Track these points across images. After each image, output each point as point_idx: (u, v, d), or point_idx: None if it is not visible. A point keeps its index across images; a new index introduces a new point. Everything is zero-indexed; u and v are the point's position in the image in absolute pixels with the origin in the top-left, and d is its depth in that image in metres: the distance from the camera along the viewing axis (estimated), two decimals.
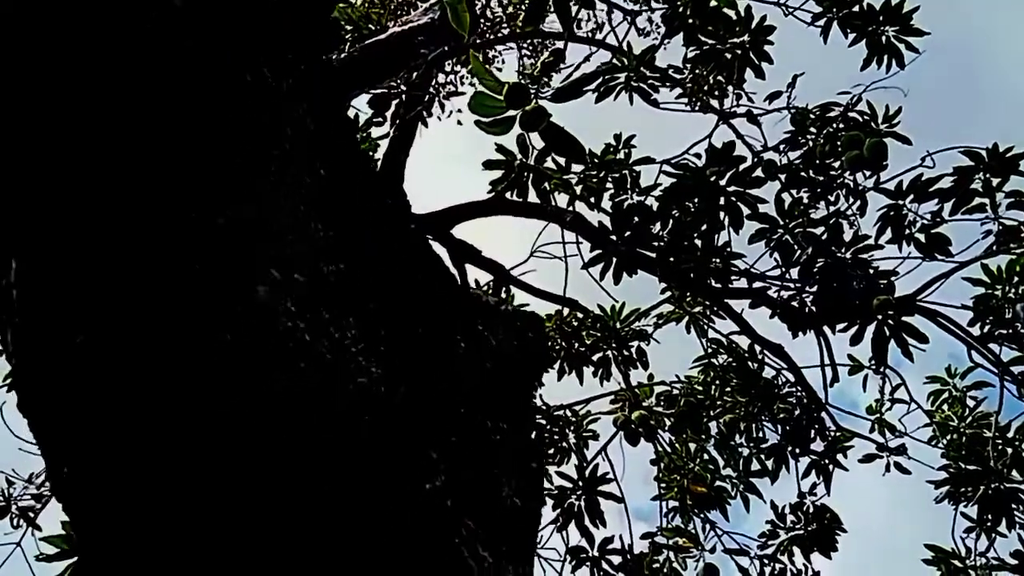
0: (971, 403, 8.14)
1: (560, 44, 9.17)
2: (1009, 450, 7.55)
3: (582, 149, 4.16)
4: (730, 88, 7.76)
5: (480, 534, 2.03)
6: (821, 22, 7.19)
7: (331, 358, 1.91)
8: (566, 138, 4.08)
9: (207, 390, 1.77)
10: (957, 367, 8.32)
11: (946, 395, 8.30)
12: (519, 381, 2.39)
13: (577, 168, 7.54)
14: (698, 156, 7.15)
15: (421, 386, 1.98)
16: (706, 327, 8.24)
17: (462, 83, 10.50)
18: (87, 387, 1.79)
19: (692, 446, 8.38)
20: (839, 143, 6.96)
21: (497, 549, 2.06)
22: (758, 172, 7.09)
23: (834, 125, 7.08)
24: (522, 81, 6.33)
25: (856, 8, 7.08)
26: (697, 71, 7.62)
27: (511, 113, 4.19)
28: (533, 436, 2.38)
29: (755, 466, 8.16)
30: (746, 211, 7.06)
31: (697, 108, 7.74)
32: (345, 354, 1.96)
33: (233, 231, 1.89)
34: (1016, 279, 7.18)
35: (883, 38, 7.08)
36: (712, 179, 7.03)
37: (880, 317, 6.87)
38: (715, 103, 7.74)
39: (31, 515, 7.79)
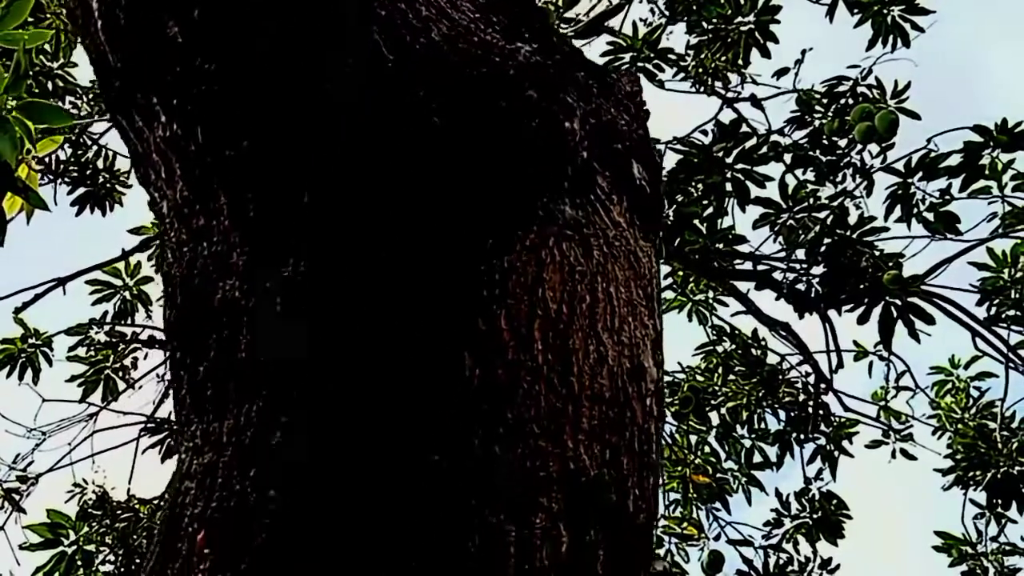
0: (975, 393, 8.05)
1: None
2: (1014, 443, 7.47)
3: None
4: (733, 75, 7.74)
5: (614, 198, 1.94)
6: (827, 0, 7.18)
7: (453, 14, 1.83)
8: None
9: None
10: (960, 357, 8.26)
11: (949, 385, 8.22)
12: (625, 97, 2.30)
13: None
14: (704, 133, 7.11)
15: (541, 52, 1.88)
16: (709, 315, 8.15)
17: None
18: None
19: (693, 439, 8.24)
20: (848, 119, 6.92)
21: (631, 218, 1.97)
22: (764, 149, 7.04)
23: (842, 100, 7.05)
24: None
25: None
26: (702, 55, 7.61)
27: None
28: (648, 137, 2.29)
29: (757, 458, 8.04)
30: (753, 189, 7.02)
31: (701, 90, 7.71)
32: (464, 16, 1.88)
33: None
34: (1022, 261, 7.14)
35: (888, 17, 7.07)
36: (719, 156, 6.98)
37: (888, 297, 6.80)
38: (719, 86, 7.72)
39: (16, 498, 7.57)
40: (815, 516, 7.68)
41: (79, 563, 7.71)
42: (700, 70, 7.65)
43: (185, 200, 1.81)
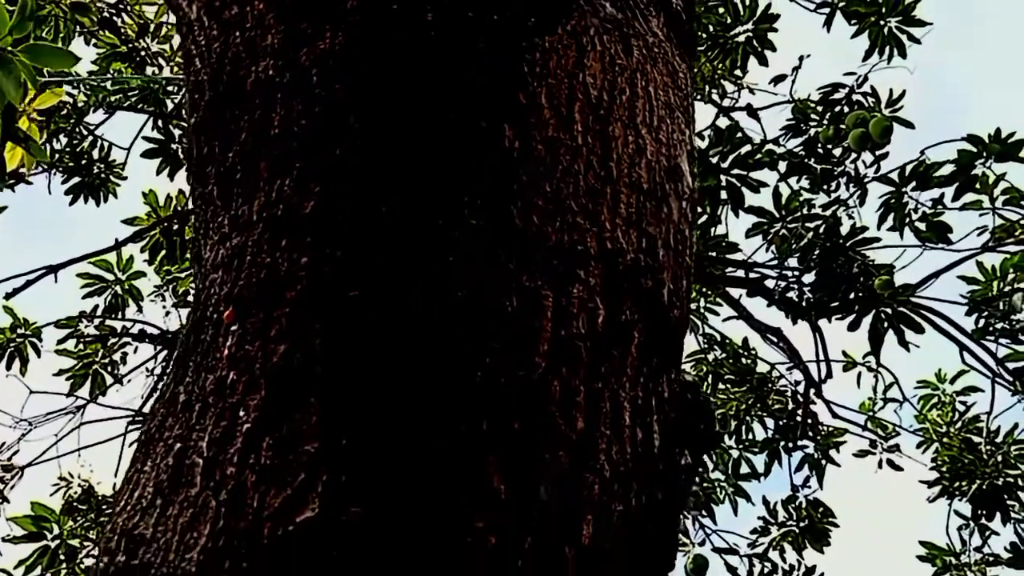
0: (960, 408, 8.08)
1: None
2: (999, 455, 7.49)
3: None
4: (729, 84, 7.84)
5: (653, 11, 1.96)
6: (825, 10, 7.27)
7: None
8: None
9: None
10: (946, 372, 8.30)
11: (935, 400, 8.26)
12: None
13: None
14: (701, 138, 7.17)
15: None
16: (701, 324, 8.18)
17: None
18: None
19: None
20: (843, 126, 7.00)
21: (668, 35, 1.99)
22: (759, 156, 7.10)
23: (838, 108, 7.13)
24: None
25: None
26: (700, 63, 7.69)
27: None
28: None
29: (744, 469, 8.05)
30: (748, 196, 7.07)
31: (698, 98, 7.79)
32: None
33: None
34: (1011, 275, 7.19)
35: (885, 29, 7.17)
36: (714, 161, 7.05)
37: (878, 306, 6.84)
38: (716, 95, 7.81)
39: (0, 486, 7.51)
40: (802, 524, 7.68)
41: (62, 557, 7.60)
42: (698, 79, 7.74)
43: None
